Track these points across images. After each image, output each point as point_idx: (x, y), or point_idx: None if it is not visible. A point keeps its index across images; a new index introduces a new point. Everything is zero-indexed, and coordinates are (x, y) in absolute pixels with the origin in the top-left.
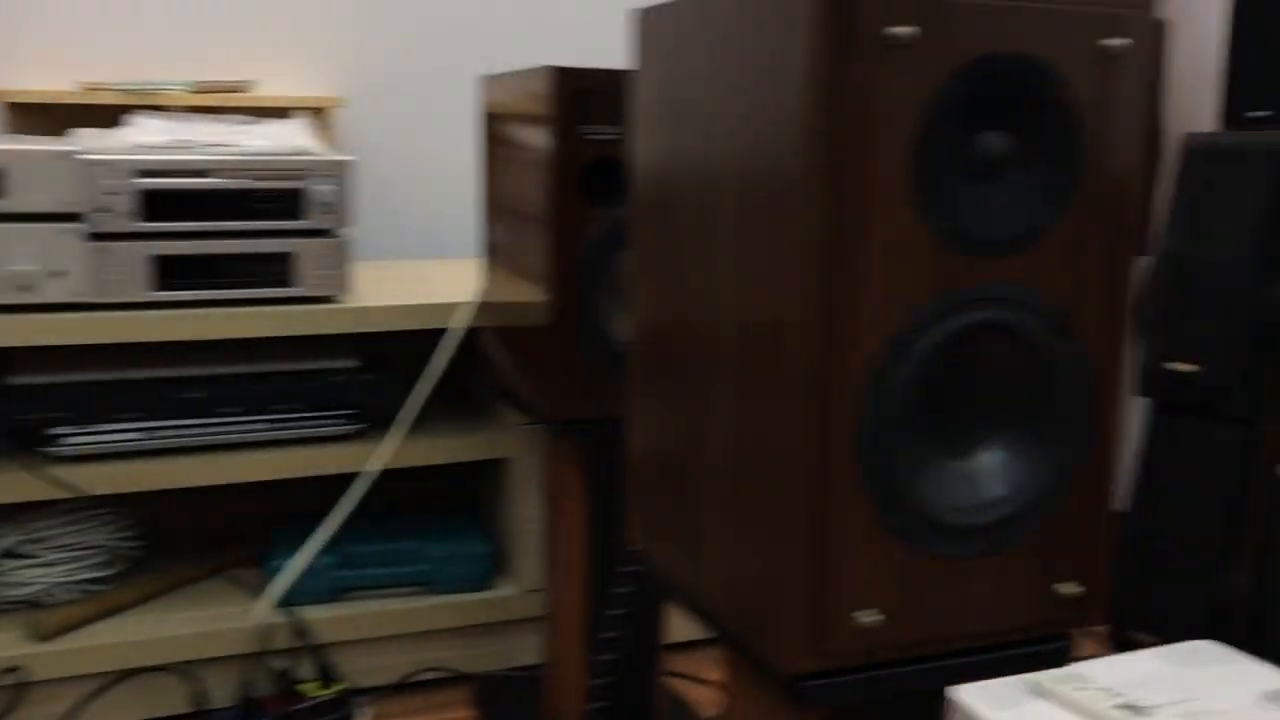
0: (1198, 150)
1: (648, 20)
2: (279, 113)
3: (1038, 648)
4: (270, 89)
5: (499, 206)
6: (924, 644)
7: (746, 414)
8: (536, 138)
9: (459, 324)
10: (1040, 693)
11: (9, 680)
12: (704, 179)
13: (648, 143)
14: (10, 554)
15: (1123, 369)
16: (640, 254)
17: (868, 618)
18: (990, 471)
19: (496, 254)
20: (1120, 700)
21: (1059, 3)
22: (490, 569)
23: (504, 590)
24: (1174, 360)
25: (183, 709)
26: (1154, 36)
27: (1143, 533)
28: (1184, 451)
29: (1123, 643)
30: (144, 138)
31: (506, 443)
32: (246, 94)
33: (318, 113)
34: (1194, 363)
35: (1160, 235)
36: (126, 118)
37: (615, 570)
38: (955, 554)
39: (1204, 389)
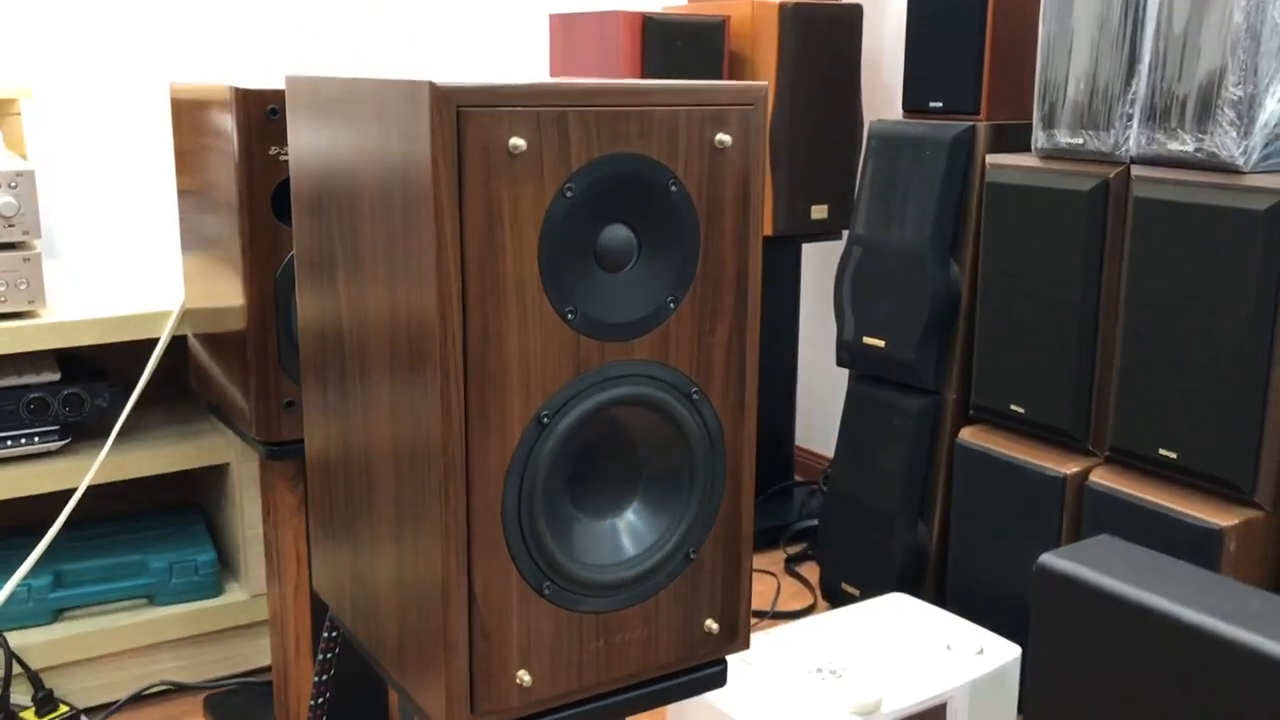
0: (882, 138)
1: (295, 86)
2: None
3: (696, 674)
4: None
5: (193, 214)
6: (581, 690)
7: (402, 492)
8: (225, 158)
9: (166, 334)
10: (745, 660)
11: None
12: (352, 231)
13: (301, 220)
14: None
15: (751, 424)
16: (302, 299)
17: (525, 676)
18: (633, 528)
19: (196, 259)
20: (817, 665)
21: (672, 103)
22: (216, 576)
23: (233, 596)
24: (866, 336)
25: None
26: (851, 20)
27: (845, 491)
28: (877, 418)
29: (831, 592)
30: None
31: (225, 448)
32: None
33: (3, 109)
34: (882, 338)
35: (854, 218)
36: None
37: (322, 633)
38: (604, 609)
39: (891, 363)
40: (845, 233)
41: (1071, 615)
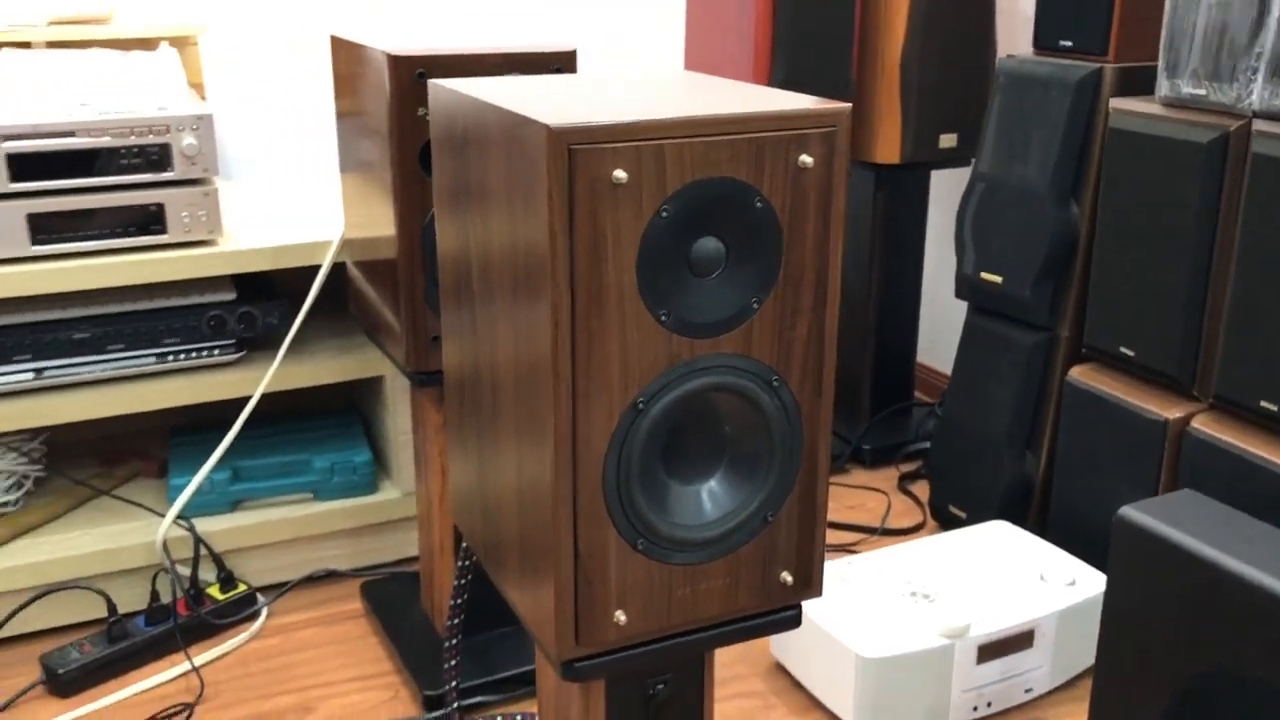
0: (1010, 75)
1: (438, 93)
2: (143, 44)
3: (772, 617)
4: (130, 17)
5: (351, 163)
6: (669, 628)
7: (522, 468)
8: (379, 118)
9: (327, 263)
10: (844, 579)
11: None
12: (484, 254)
13: (444, 224)
14: None
15: (828, 406)
16: (447, 317)
17: (621, 617)
18: (718, 495)
19: (354, 202)
20: (912, 588)
21: (758, 130)
22: (372, 475)
23: (386, 494)
24: (984, 271)
25: (98, 615)
26: None
27: (957, 418)
28: (992, 351)
29: (940, 513)
30: (7, 97)
31: (381, 362)
32: (107, 25)
33: (182, 42)
34: (999, 275)
35: (979, 155)
36: None
37: (457, 555)
38: (691, 561)
39: (1007, 299)
40: (974, 159)
41: (1147, 568)
